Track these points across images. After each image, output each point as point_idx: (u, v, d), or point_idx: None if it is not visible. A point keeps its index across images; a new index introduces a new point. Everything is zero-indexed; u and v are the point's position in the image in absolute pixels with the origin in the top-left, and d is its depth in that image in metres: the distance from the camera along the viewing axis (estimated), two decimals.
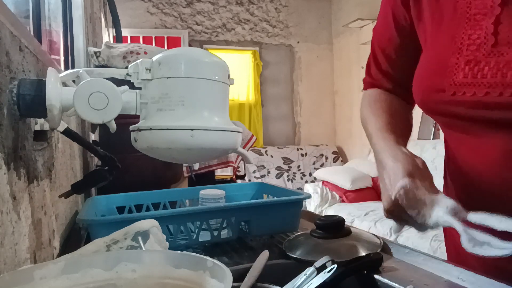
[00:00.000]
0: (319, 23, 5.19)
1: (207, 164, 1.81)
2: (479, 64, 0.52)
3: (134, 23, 4.47)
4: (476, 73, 0.53)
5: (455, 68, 0.55)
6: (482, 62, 0.52)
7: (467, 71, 0.54)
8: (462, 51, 0.55)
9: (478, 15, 0.53)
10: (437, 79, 0.57)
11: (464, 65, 0.54)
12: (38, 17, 1.12)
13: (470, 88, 0.53)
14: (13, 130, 0.51)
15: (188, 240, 0.83)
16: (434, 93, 0.57)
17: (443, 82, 0.56)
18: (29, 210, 0.57)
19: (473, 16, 0.54)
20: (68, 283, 0.37)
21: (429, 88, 0.59)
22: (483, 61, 0.52)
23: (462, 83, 0.54)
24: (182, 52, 0.60)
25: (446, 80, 0.56)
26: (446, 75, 0.56)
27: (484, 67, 0.52)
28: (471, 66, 0.53)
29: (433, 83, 0.58)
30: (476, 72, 0.53)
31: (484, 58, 0.52)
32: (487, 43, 0.52)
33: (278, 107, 5.10)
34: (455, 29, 0.56)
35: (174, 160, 0.63)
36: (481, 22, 0.53)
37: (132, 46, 1.39)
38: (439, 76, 0.57)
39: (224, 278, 0.34)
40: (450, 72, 0.55)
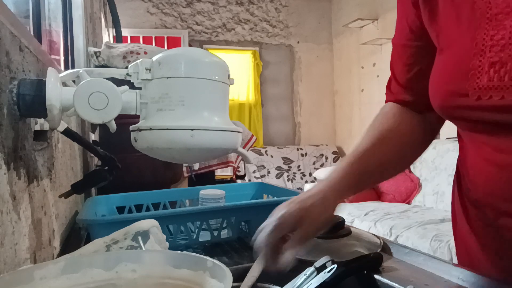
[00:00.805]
0: (319, 23, 5.19)
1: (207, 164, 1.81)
2: (505, 65, 0.50)
3: (134, 23, 4.47)
4: (503, 76, 0.50)
5: (478, 71, 0.53)
6: (509, 63, 0.50)
7: (492, 74, 0.51)
8: (485, 53, 0.52)
9: (500, 15, 0.51)
10: (459, 83, 0.55)
11: (488, 68, 0.52)
12: (38, 17, 1.12)
13: (497, 91, 0.51)
14: (13, 130, 0.51)
15: (188, 240, 0.83)
16: (456, 98, 0.55)
17: (465, 86, 0.54)
18: (29, 210, 0.57)
19: (494, 16, 0.52)
20: (68, 283, 0.37)
21: (450, 93, 0.56)
22: (510, 62, 0.50)
23: (487, 86, 0.52)
24: (182, 52, 0.60)
25: (469, 84, 0.53)
26: (468, 78, 0.53)
27: (510, 69, 0.50)
28: (496, 69, 0.51)
29: (454, 87, 0.55)
30: (503, 74, 0.50)
31: (510, 59, 0.50)
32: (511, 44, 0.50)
33: (278, 107, 5.10)
34: (474, 30, 0.54)
35: (174, 160, 0.63)
36: (504, 21, 0.51)
37: (132, 46, 1.39)
38: (461, 80, 0.54)
39: (224, 278, 0.34)
40: (473, 76, 0.53)
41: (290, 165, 4.72)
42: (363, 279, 0.61)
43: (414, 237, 2.58)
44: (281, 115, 5.12)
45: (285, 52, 5.10)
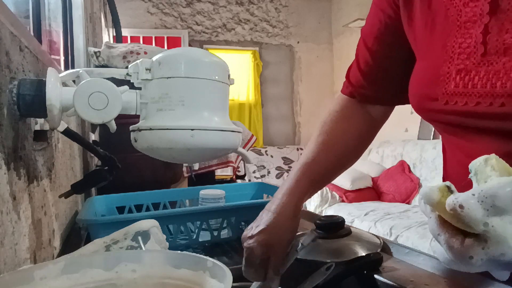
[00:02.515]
0: (319, 23, 5.19)
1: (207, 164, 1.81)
2: (470, 73, 0.52)
3: (134, 23, 4.47)
4: (467, 83, 0.52)
5: (447, 77, 0.55)
6: (473, 71, 0.52)
7: (458, 81, 0.53)
8: (453, 60, 0.54)
9: (468, 23, 0.53)
10: (431, 87, 0.57)
11: (455, 74, 0.54)
12: (38, 17, 1.12)
13: (462, 97, 0.53)
14: (13, 130, 0.51)
15: (188, 240, 0.83)
16: (428, 101, 0.57)
17: (436, 91, 0.56)
18: (29, 210, 0.57)
19: (463, 24, 0.53)
20: (68, 283, 0.37)
21: (424, 96, 0.59)
22: (474, 70, 0.52)
23: (453, 92, 0.54)
24: (182, 52, 0.60)
25: (438, 89, 0.55)
26: (438, 84, 0.56)
27: (474, 76, 0.52)
28: (462, 76, 0.53)
29: (427, 91, 0.58)
30: (467, 81, 0.52)
31: (474, 67, 0.52)
32: (476, 53, 0.52)
33: (278, 107, 5.10)
34: (446, 37, 0.55)
35: (174, 160, 0.63)
36: (471, 30, 0.52)
37: (132, 46, 1.39)
38: (432, 85, 0.56)
39: (224, 278, 0.34)
40: (442, 81, 0.55)
41: (290, 165, 4.72)
42: (363, 279, 0.61)
43: (414, 237, 2.58)
44: (281, 115, 5.12)
45: (285, 52, 5.10)
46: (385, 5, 0.67)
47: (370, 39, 0.71)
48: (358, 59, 0.74)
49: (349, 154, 0.74)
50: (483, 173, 0.39)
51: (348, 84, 0.76)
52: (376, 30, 0.69)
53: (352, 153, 0.75)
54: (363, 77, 0.72)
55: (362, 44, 0.73)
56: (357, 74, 0.73)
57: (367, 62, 0.71)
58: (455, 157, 0.63)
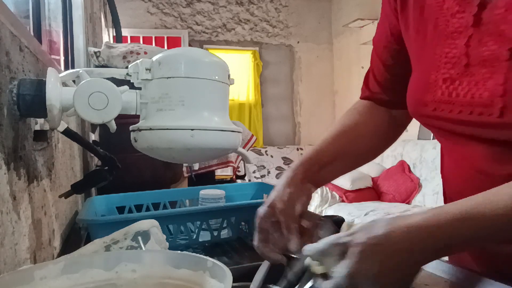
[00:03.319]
0: (319, 23, 5.19)
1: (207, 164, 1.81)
2: (454, 82, 0.54)
3: (134, 23, 4.47)
4: (452, 91, 0.55)
5: (435, 85, 0.57)
6: (457, 81, 0.54)
7: (444, 89, 0.55)
8: (440, 69, 0.56)
9: (454, 34, 0.54)
10: (422, 94, 0.59)
11: (441, 83, 0.56)
12: (38, 17, 1.12)
13: (448, 105, 0.55)
14: (13, 130, 0.51)
15: (188, 240, 0.83)
16: (420, 107, 0.60)
17: (426, 98, 0.58)
18: (29, 210, 0.57)
19: (450, 34, 0.55)
20: (68, 283, 0.37)
21: (416, 102, 0.61)
22: (458, 80, 0.54)
23: (440, 100, 0.56)
24: (182, 52, 0.60)
25: (428, 96, 0.58)
26: (428, 90, 0.58)
27: (458, 86, 0.54)
28: (447, 84, 0.55)
29: (419, 97, 0.60)
30: (452, 90, 0.55)
31: (458, 77, 0.54)
32: (461, 63, 0.54)
33: (278, 107, 5.10)
34: (435, 45, 0.57)
35: (174, 160, 0.63)
36: (457, 40, 0.54)
37: (132, 46, 1.39)
38: (423, 92, 0.59)
39: (224, 278, 0.34)
40: (431, 89, 0.57)
41: (290, 165, 4.71)
42: None
43: None
44: (281, 115, 5.12)
45: (285, 52, 5.09)
46: (389, 12, 0.68)
47: (380, 48, 0.72)
48: (373, 68, 0.75)
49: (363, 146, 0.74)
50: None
51: (366, 89, 0.77)
52: (384, 38, 0.71)
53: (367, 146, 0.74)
54: (379, 85, 0.74)
55: (375, 54, 0.74)
56: (373, 82, 0.75)
57: (381, 71, 0.73)
58: (451, 158, 0.64)
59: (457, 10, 0.54)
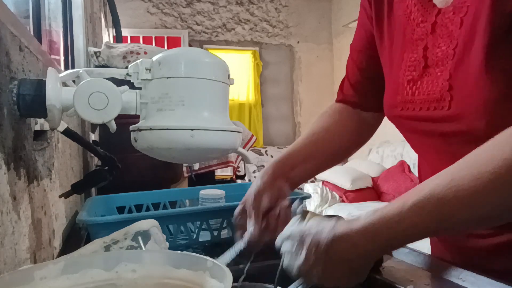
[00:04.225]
0: (319, 23, 5.19)
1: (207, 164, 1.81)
2: (416, 83, 0.61)
3: (134, 23, 4.47)
4: (414, 91, 0.61)
5: (402, 87, 0.63)
6: (418, 81, 0.61)
7: (408, 90, 0.62)
8: (405, 72, 0.63)
9: (418, 40, 0.62)
10: (393, 96, 0.66)
11: (406, 84, 0.63)
12: (38, 17, 1.12)
13: (411, 104, 0.62)
14: (13, 130, 0.51)
15: (188, 240, 0.83)
16: (392, 109, 0.66)
17: (396, 99, 0.65)
18: (29, 210, 0.57)
19: (414, 41, 0.62)
20: (68, 283, 0.37)
21: (389, 104, 0.67)
22: (419, 80, 0.61)
23: (405, 100, 0.63)
24: (182, 52, 0.60)
25: (397, 97, 0.64)
26: (398, 92, 0.64)
27: (419, 86, 0.61)
28: (411, 85, 0.62)
29: (391, 100, 0.67)
30: (414, 90, 0.61)
31: (418, 78, 0.61)
32: (420, 65, 0.61)
33: (278, 107, 5.10)
34: (403, 51, 0.64)
35: (174, 160, 0.63)
36: (418, 46, 0.61)
37: (132, 46, 1.39)
38: (394, 94, 0.65)
39: (224, 278, 0.34)
40: (400, 90, 0.64)
41: None
42: None
43: None
44: (281, 115, 5.12)
45: (285, 52, 5.10)
46: (365, 19, 0.76)
47: (355, 53, 0.80)
48: (347, 72, 0.82)
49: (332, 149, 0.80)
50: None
51: (340, 92, 0.84)
52: (361, 44, 0.78)
53: (336, 148, 0.80)
54: (353, 88, 0.80)
55: (350, 58, 0.82)
56: (347, 85, 0.81)
57: (355, 75, 0.80)
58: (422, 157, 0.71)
59: (420, 20, 0.61)
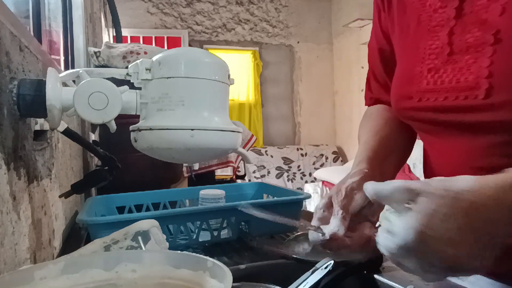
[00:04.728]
0: (319, 23, 5.19)
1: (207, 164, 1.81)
2: (439, 71, 0.58)
3: (134, 23, 4.47)
4: (437, 80, 0.58)
5: (420, 76, 0.60)
6: (441, 69, 0.57)
7: (429, 79, 0.59)
8: (425, 60, 0.60)
9: (437, 27, 0.58)
10: (406, 87, 0.62)
11: (426, 73, 0.59)
12: (38, 17, 1.12)
13: (432, 94, 0.58)
14: (13, 130, 0.51)
15: (188, 240, 0.83)
16: (404, 100, 0.62)
17: (411, 90, 0.61)
18: (29, 210, 0.57)
19: (433, 28, 0.59)
20: (68, 283, 0.37)
21: (400, 96, 0.63)
22: (442, 68, 0.57)
23: (425, 89, 0.59)
24: (182, 52, 0.60)
25: (413, 88, 0.60)
26: (413, 83, 0.61)
27: (443, 74, 0.57)
28: (432, 74, 0.58)
29: (403, 91, 0.63)
30: (437, 79, 0.58)
31: (442, 66, 0.57)
32: (443, 52, 0.57)
33: (278, 107, 5.09)
34: (419, 40, 0.61)
35: (174, 160, 0.63)
36: (439, 33, 0.58)
37: (132, 46, 1.39)
38: (408, 85, 0.62)
39: (224, 278, 0.34)
40: (416, 80, 0.60)
41: (290, 165, 4.72)
42: (363, 279, 0.61)
43: None
44: (281, 115, 5.11)
45: (285, 52, 5.09)
46: (378, 14, 0.73)
47: (376, 51, 0.75)
48: (373, 71, 0.77)
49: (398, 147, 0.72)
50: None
51: (370, 94, 0.79)
52: (379, 42, 0.74)
53: (400, 146, 0.73)
54: (382, 87, 0.76)
55: (372, 57, 0.77)
56: (376, 85, 0.77)
57: (381, 73, 0.75)
58: (431, 155, 0.67)
59: (439, 5, 0.58)
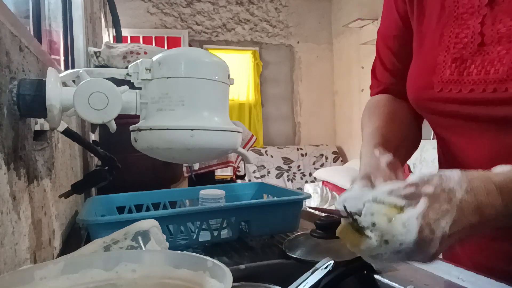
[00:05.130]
0: (319, 23, 5.19)
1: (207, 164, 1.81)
2: (466, 62, 0.54)
3: (134, 23, 4.47)
4: (462, 71, 0.54)
5: (443, 65, 0.57)
6: (468, 60, 0.54)
7: (453, 69, 0.55)
8: (450, 49, 0.56)
9: (465, 14, 0.55)
10: (427, 76, 0.59)
11: (451, 63, 0.56)
12: (38, 17, 1.12)
13: (456, 85, 0.55)
14: (13, 130, 0.51)
15: (188, 240, 0.83)
16: (424, 90, 0.59)
17: (432, 79, 0.58)
18: (29, 210, 0.57)
19: (460, 15, 0.55)
20: (68, 283, 0.37)
21: (420, 85, 0.60)
22: (469, 59, 0.54)
23: (448, 80, 0.56)
24: (182, 52, 0.60)
25: (434, 78, 0.57)
26: (434, 72, 0.57)
27: (470, 65, 0.54)
28: (457, 64, 0.55)
29: (423, 80, 0.59)
30: (462, 70, 0.54)
31: (470, 56, 0.54)
32: (473, 42, 0.54)
33: (278, 107, 5.09)
34: (443, 27, 0.58)
35: (174, 160, 0.63)
36: (468, 21, 0.54)
37: (132, 46, 1.39)
38: (428, 74, 0.58)
39: (224, 278, 0.34)
40: (438, 70, 0.57)
41: (290, 165, 4.72)
42: (363, 279, 0.61)
43: None
44: (281, 115, 5.11)
45: (285, 52, 5.09)
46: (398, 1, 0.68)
47: (390, 39, 0.71)
48: (382, 60, 0.73)
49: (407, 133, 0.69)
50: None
51: (378, 83, 0.74)
52: (394, 28, 0.70)
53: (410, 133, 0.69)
54: (392, 75, 0.71)
55: (383, 45, 0.73)
56: (385, 74, 0.73)
57: (392, 62, 0.71)
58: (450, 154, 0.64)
59: None
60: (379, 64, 0.74)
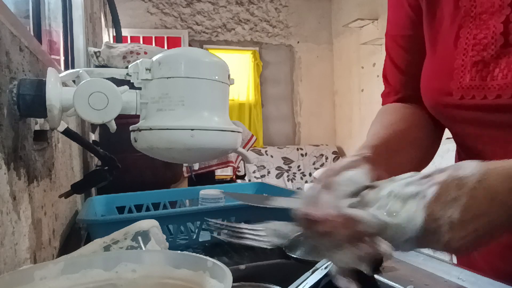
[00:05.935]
0: (319, 23, 5.19)
1: (207, 164, 1.81)
2: (488, 66, 0.50)
3: (134, 23, 4.47)
4: (485, 76, 0.50)
5: (461, 70, 0.52)
6: (491, 63, 0.50)
7: (474, 74, 0.51)
8: (468, 52, 0.52)
9: (484, 15, 0.51)
10: (444, 81, 0.54)
11: (470, 67, 0.51)
12: (38, 17, 1.12)
13: (479, 91, 0.50)
14: (13, 130, 0.51)
15: (188, 240, 0.83)
16: (442, 96, 0.55)
17: (449, 85, 0.53)
18: (29, 210, 0.57)
19: (478, 15, 0.51)
20: (68, 283, 0.37)
21: (437, 91, 0.56)
22: (492, 62, 0.50)
23: (470, 86, 0.51)
24: (182, 52, 0.60)
25: (452, 83, 0.53)
26: (452, 77, 0.53)
27: (494, 69, 0.49)
28: (478, 68, 0.51)
29: (440, 86, 0.55)
30: (485, 74, 0.50)
31: (493, 59, 0.50)
32: (495, 44, 0.49)
33: (278, 107, 5.09)
34: (458, 29, 0.53)
35: (174, 160, 0.63)
36: (489, 21, 0.50)
37: (132, 46, 1.39)
38: (445, 79, 0.54)
39: (224, 278, 0.34)
40: (456, 75, 0.53)
41: (290, 165, 4.72)
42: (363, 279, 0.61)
43: None
44: (281, 115, 5.11)
45: (285, 52, 5.09)
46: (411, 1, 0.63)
47: (400, 37, 0.66)
48: (393, 60, 0.68)
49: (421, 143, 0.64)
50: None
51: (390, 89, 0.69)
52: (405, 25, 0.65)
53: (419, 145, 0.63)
54: (404, 75, 0.67)
55: (394, 45, 0.68)
56: (397, 76, 0.68)
57: (405, 59, 0.66)
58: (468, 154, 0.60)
59: None
60: (390, 66, 0.69)
